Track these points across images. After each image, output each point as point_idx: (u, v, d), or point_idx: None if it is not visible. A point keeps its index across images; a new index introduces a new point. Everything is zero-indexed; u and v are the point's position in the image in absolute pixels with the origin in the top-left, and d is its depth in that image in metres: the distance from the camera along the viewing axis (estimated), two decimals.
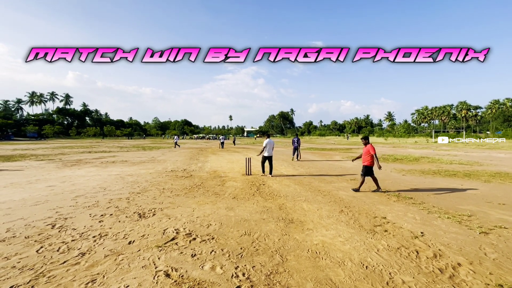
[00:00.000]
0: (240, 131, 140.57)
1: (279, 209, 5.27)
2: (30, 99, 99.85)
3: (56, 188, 7.15)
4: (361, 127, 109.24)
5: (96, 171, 10.56)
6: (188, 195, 6.48)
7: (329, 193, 6.73)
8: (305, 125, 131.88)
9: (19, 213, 4.91)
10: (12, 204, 5.52)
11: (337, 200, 5.98)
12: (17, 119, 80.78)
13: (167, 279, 2.72)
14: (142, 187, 7.33)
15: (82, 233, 3.96)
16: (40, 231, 4.03)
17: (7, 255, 3.22)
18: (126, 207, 5.36)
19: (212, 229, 4.18)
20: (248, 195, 6.45)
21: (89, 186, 7.49)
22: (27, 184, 7.69)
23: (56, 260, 3.12)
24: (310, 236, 3.91)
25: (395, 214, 4.98)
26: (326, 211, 5.14)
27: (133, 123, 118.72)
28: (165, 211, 5.14)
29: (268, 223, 4.47)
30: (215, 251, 3.39)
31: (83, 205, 5.48)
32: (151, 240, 3.73)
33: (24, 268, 2.92)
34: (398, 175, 9.53)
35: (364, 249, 3.47)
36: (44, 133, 73.97)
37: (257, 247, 3.52)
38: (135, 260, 3.12)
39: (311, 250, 3.43)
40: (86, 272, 2.86)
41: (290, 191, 6.90)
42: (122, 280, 2.70)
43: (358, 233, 4.01)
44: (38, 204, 5.58)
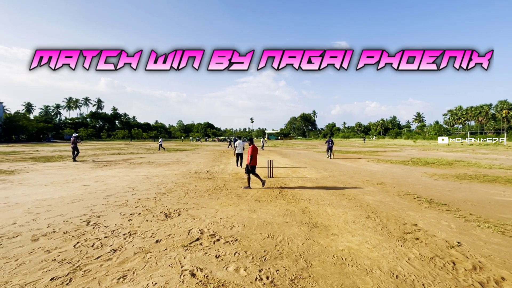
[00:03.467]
0: (261, 133, 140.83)
1: (302, 213, 5.18)
2: (67, 104, 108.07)
3: (90, 187, 7.63)
4: (388, 128, 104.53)
5: (125, 171, 11.12)
6: (211, 196, 6.60)
7: (354, 197, 6.50)
8: (327, 127, 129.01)
9: (58, 210, 5.30)
10: (52, 202, 5.98)
11: (363, 205, 5.76)
12: (56, 123, 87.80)
13: (192, 278, 2.78)
14: (168, 188, 7.59)
15: (113, 231, 4.17)
16: (77, 227, 4.31)
17: (48, 249, 3.49)
18: (153, 207, 5.57)
19: (235, 230, 4.21)
20: (270, 198, 6.42)
21: (119, 186, 7.91)
22: (65, 183, 8.29)
23: (91, 255, 3.32)
24: (335, 241, 3.80)
25: (427, 221, 4.68)
26: (352, 216, 4.97)
27: (158, 126, 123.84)
28: (189, 211, 5.27)
29: (291, 226, 4.41)
30: (239, 253, 3.40)
31: (114, 204, 5.79)
32: (177, 239, 3.84)
33: (63, 262, 3.13)
34: (429, 180, 8.98)
35: (394, 257, 3.29)
36: (79, 136, 79.30)
37: (280, 250, 3.48)
38: (162, 259, 3.23)
39: (337, 256, 3.33)
40: (118, 268, 3.00)
41: (313, 195, 6.77)
42: (150, 277, 2.80)
43: (386, 240, 3.82)
44: (74, 202, 5.98)
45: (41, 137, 66.49)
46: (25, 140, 61.93)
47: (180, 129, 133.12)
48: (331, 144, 18.16)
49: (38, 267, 3.00)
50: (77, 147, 16.00)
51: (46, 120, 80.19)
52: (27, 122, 64.15)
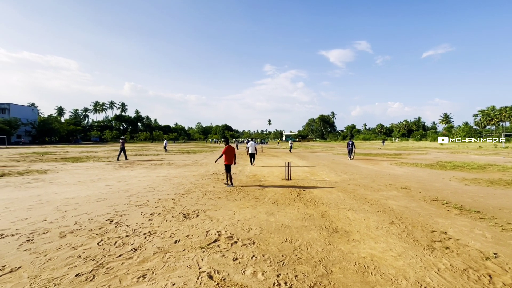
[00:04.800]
0: (279, 135, 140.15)
1: (321, 217, 5.04)
2: (94, 108, 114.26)
3: (113, 187, 7.93)
4: (412, 130, 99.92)
5: (146, 172, 11.47)
6: (229, 198, 6.61)
7: (376, 202, 6.23)
8: (347, 128, 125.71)
9: (84, 208, 5.55)
10: (79, 200, 6.27)
11: (386, 210, 5.49)
12: (84, 126, 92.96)
13: (210, 280, 2.76)
14: (187, 189, 7.71)
15: (134, 230, 4.28)
16: (100, 226, 4.48)
17: (74, 245, 3.64)
18: (172, 207, 5.67)
19: (253, 233, 4.16)
20: (288, 201, 6.32)
21: (140, 186, 8.16)
22: (91, 183, 8.69)
23: (113, 253, 3.41)
24: (357, 248, 3.63)
25: (458, 229, 4.36)
26: (374, 222, 4.74)
27: (178, 128, 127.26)
28: (207, 212, 5.30)
29: (310, 231, 4.29)
30: (256, 256, 3.35)
31: (135, 204, 5.97)
32: (195, 240, 3.86)
33: (87, 258, 3.25)
34: (459, 185, 8.42)
35: (421, 267, 3.08)
36: (104, 138, 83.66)
37: (299, 255, 3.38)
38: (180, 259, 3.25)
39: (359, 263, 3.17)
40: (138, 267, 3.06)
41: (332, 198, 6.57)
42: (169, 277, 2.82)
43: (413, 249, 3.59)
44: (99, 201, 6.24)
45: (71, 139, 70.67)
46: (57, 142, 66.12)
47: (199, 131, 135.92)
48: (352, 146, 18.49)
49: (65, 263, 3.13)
50: (124, 149, 17.90)
51: (75, 123, 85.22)
52: (59, 125, 68.52)
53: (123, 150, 18.08)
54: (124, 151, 18.08)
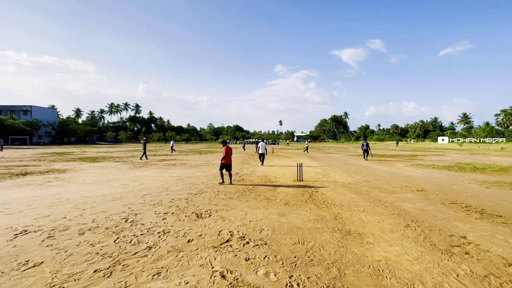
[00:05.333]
0: (290, 136, 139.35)
1: (334, 219, 4.97)
2: (109, 109, 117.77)
3: (128, 187, 8.15)
4: (428, 131, 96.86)
5: (160, 172, 11.71)
6: (241, 198, 6.64)
7: (391, 204, 6.08)
8: (360, 129, 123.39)
9: (101, 207, 5.74)
10: (96, 199, 6.49)
11: (402, 213, 5.35)
12: (100, 126, 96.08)
13: (222, 280, 2.79)
14: (199, 189, 7.82)
15: (149, 228, 4.39)
16: (117, 224, 4.61)
17: (92, 242, 3.77)
18: (185, 207, 5.76)
19: (265, 234, 4.17)
20: (300, 202, 6.28)
21: (154, 186, 8.34)
22: (107, 182, 8.97)
23: (129, 251, 3.51)
24: (371, 250, 3.56)
25: (479, 234, 4.19)
26: (389, 224, 4.64)
27: (190, 129, 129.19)
28: (219, 213, 5.36)
29: (323, 233, 4.24)
30: (268, 257, 3.35)
31: (149, 203, 6.11)
32: (208, 240, 3.91)
33: (105, 255, 3.36)
34: (479, 188, 8.08)
35: (439, 272, 2.99)
36: (119, 138, 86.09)
37: (311, 257, 3.36)
38: (193, 258, 3.30)
39: (373, 266, 3.11)
40: (153, 264, 3.13)
41: (346, 200, 6.47)
42: (183, 276, 2.87)
43: (430, 253, 3.49)
44: (115, 200, 6.43)
45: (87, 140, 73.14)
46: (74, 142, 68.60)
47: (211, 131, 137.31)
48: (366, 147, 18.50)
49: (84, 259, 3.25)
50: (145, 149, 18.82)
51: (92, 124, 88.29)
52: (76, 126, 71.12)
53: (145, 150, 18.77)
54: (145, 151, 18.83)
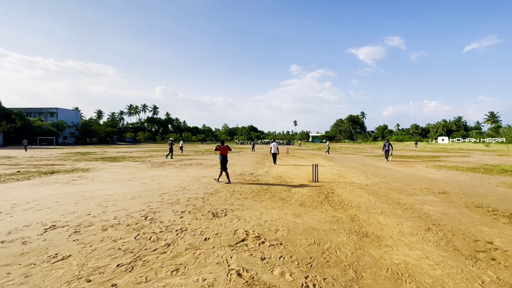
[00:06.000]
0: (305, 136, 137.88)
1: (351, 221, 4.89)
2: (128, 111, 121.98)
3: (147, 186, 8.43)
4: (451, 131, 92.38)
5: (177, 172, 12.00)
6: (256, 198, 6.68)
7: (411, 206, 5.89)
8: (378, 129, 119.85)
9: (122, 205, 5.98)
10: (117, 197, 6.76)
11: (422, 216, 5.17)
12: (119, 127, 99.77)
13: (239, 278, 2.84)
14: (215, 189, 7.94)
15: (167, 226, 4.52)
16: (137, 221, 4.79)
17: (115, 238, 3.95)
18: (201, 206, 5.88)
19: (280, 234, 4.18)
20: (316, 203, 6.22)
21: (171, 185, 8.56)
22: (127, 181, 9.32)
23: (149, 247, 3.64)
24: (389, 253, 3.48)
25: (507, 239, 3.97)
26: (408, 227, 4.50)
27: (206, 129, 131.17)
28: (235, 212, 5.42)
29: (339, 234, 4.19)
30: (284, 257, 3.36)
31: (167, 202, 6.29)
32: (224, 239, 3.98)
33: (126, 251, 3.51)
34: (508, 191, 7.64)
35: (463, 278, 2.87)
36: (137, 139, 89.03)
37: (327, 258, 3.33)
38: (210, 256, 3.37)
39: (391, 270, 3.04)
40: (171, 261, 3.24)
41: (363, 202, 6.34)
42: (200, 273, 2.95)
43: (452, 258, 3.36)
44: (135, 198, 6.67)
45: (108, 140, 76.16)
46: (96, 142, 71.64)
47: (226, 132, 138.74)
48: (388, 147, 18.67)
49: (107, 254, 3.42)
50: (172, 149, 20.12)
51: (112, 125, 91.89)
52: (98, 127, 74.27)
53: (171, 150, 20.19)
54: (171, 151, 20.19)
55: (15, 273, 2.90)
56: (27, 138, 47.38)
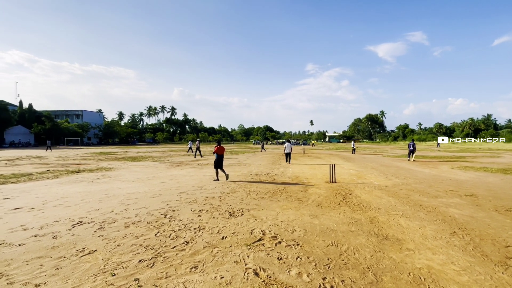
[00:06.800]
0: (322, 136, 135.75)
1: (370, 223, 4.77)
2: (148, 112, 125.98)
3: (166, 185, 8.67)
4: (479, 130, 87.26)
5: (194, 172, 12.25)
6: (272, 198, 6.68)
7: (434, 209, 5.65)
8: (399, 128, 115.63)
9: (142, 203, 6.20)
10: (138, 195, 7.02)
11: (447, 219, 4.94)
12: (139, 128, 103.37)
13: (256, 277, 2.86)
14: (231, 188, 8.03)
15: (185, 224, 4.64)
16: (157, 219, 4.96)
17: (136, 235, 4.11)
18: (218, 205, 5.98)
19: (297, 235, 4.16)
20: (333, 204, 6.12)
21: (189, 184, 8.76)
22: (147, 180, 9.64)
23: (168, 244, 3.76)
24: (411, 257, 3.36)
25: None
26: (432, 231, 4.32)
27: (222, 129, 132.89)
28: (251, 212, 5.46)
29: (358, 236, 4.10)
30: (301, 257, 3.35)
31: (185, 200, 6.44)
32: (241, 238, 4.02)
33: (147, 247, 3.64)
34: None
35: (492, 285, 2.72)
36: (156, 139, 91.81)
37: (345, 260, 3.28)
38: (227, 255, 3.42)
39: (413, 274, 2.94)
40: (190, 258, 3.32)
41: (382, 203, 6.16)
42: (218, 271, 3.00)
43: (480, 264, 3.18)
44: (154, 196, 6.89)
45: (129, 140, 79.11)
46: (117, 143, 74.64)
47: (241, 132, 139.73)
48: (413, 147, 18.38)
49: (130, 249, 3.57)
50: (199, 148, 21.95)
51: (132, 126, 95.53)
52: (119, 128, 77.45)
53: (199, 149, 22.19)
54: (199, 150, 22.22)
55: (47, 265, 3.10)
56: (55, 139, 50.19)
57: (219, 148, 9.64)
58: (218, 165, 9.50)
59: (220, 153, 9.60)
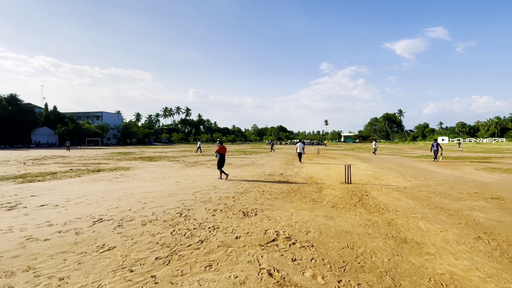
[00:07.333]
0: (337, 136, 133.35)
1: (387, 225, 4.63)
2: (164, 113, 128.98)
3: (181, 184, 8.84)
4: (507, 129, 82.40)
5: (209, 171, 12.41)
6: (286, 199, 6.64)
7: (457, 212, 5.39)
8: (418, 128, 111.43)
9: (159, 202, 6.35)
10: (154, 194, 7.20)
11: (471, 223, 4.70)
12: (156, 129, 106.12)
13: (270, 278, 2.85)
14: (245, 188, 8.06)
15: (200, 223, 4.70)
16: (172, 217, 5.06)
17: (153, 233, 4.21)
18: (232, 205, 6.01)
19: (311, 236, 4.10)
20: (349, 205, 6.00)
21: (203, 184, 8.88)
22: (163, 179, 9.87)
23: (184, 242, 3.83)
24: (432, 262, 3.22)
25: None
26: (454, 235, 4.12)
27: (235, 130, 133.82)
28: (265, 212, 5.45)
29: (375, 239, 3.99)
30: (315, 259, 3.30)
31: (200, 200, 6.54)
32: (254, 238, 4.02)
33: (164, 245, 3.72)
34: None
35: None
36: (172, 139, 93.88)
37: (362, 263, 3.19)
38: (241, 254, 3.44)
39: (434, 280, 2.82)
40: (204, 257, 3.36)
41: (400, 206, 5.96)
42: (232, 270, 3.02)
43: (508, 271, 3.00)
44: (170, 196, 7.04)
45: (146, 141, 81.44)
46: (135, 143, 76.98)
47: (255, 132, 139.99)
48: (437, 147, 17.94)
49: (146, 247, 3.66)
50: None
51: (149, 126, 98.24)
52: (137, 128, 79.93)
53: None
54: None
55: (70, 260, 3.25)
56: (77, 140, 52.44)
57: (221, 148, 10.01)
58: (221, 164, 9.91)
59: (222, 152, 9.95)
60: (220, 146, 10.06)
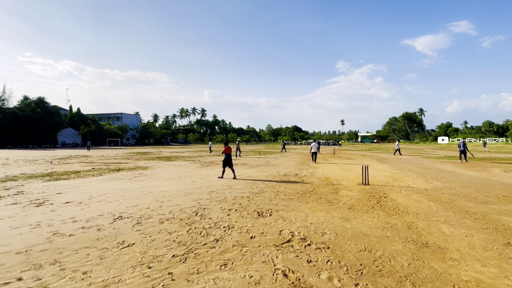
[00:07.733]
0: (354, 136, 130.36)
1: (407, 228, 4.46)
2: (180, 114, 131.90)
3: (197, 184, 8.99)
4: None
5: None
6: (301, 200, 6.57)
7: (484, 216, 5.10)
8: (440, 127, 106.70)
9: (175, 201, 6.50)
10: (171, 193, 7.37)
11: (499, 228, 4.43)
12: (172, 129, 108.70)
13: (285, 278, 2.83)
14: (260, 188, 8.06)
15: (215, 223, 4.76)
16: (188, 216, 5.15)
17: (170, 231, 4.31)
18: (247, 205, 6.04)
19: (327, 238, 4.03)
20: (366, 207, 5.84)
21: (219, 184, 8.98)
22: (179, 179, 10.08)
23: (199, 241, 3.89)
24: (456, 268, 3.07)
25: None
26: (481, 240, 3.90)
27: (250, 130, 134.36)
28: (280, 212, 5.42)
29: (394, 242, 3.86)
30: (331, 261, 3.24)
31: (215, 199, 6.61)
32: (269, 238, 4.01)
33: (180, 243, 3.80)
34: None
35: None
36: (188, 140, 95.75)
37: (380, 267, 3.10)
38: (256, 254, 3.44)
39: (459, 286, 2.68)
40: (220, 256, 3.40)
41: (421, 208, 5.72)
42: (247, 270, 3.03)
43: None
44: (186, 195, 7.18)
45: (163, 141, 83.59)
46: (153, 143, 79.19)
47: (269, 133, 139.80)
48: (464, 147, 17.17)
49: (164, 244, 3.76)
50: (239, 148, 23.61)
51: (166, 127, 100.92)
52: (154, 129, 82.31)
53: (238, 149, 23.42)
54: (239, 150, 23.45)
55: (93, 255, 3.39)
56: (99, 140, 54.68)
57: (227, 148, 10.35)
58: (227, 164, 10.22)
59: (228, 153, 10.28)
60: (226, 147, 10.39)
